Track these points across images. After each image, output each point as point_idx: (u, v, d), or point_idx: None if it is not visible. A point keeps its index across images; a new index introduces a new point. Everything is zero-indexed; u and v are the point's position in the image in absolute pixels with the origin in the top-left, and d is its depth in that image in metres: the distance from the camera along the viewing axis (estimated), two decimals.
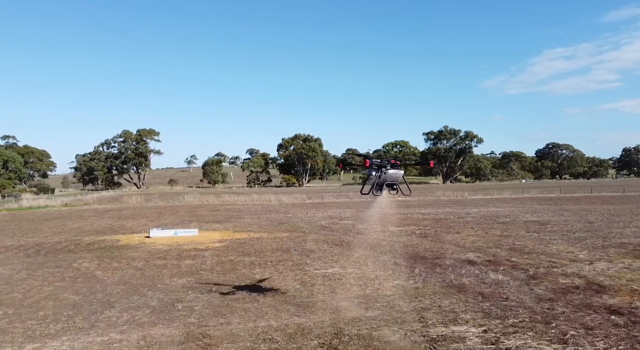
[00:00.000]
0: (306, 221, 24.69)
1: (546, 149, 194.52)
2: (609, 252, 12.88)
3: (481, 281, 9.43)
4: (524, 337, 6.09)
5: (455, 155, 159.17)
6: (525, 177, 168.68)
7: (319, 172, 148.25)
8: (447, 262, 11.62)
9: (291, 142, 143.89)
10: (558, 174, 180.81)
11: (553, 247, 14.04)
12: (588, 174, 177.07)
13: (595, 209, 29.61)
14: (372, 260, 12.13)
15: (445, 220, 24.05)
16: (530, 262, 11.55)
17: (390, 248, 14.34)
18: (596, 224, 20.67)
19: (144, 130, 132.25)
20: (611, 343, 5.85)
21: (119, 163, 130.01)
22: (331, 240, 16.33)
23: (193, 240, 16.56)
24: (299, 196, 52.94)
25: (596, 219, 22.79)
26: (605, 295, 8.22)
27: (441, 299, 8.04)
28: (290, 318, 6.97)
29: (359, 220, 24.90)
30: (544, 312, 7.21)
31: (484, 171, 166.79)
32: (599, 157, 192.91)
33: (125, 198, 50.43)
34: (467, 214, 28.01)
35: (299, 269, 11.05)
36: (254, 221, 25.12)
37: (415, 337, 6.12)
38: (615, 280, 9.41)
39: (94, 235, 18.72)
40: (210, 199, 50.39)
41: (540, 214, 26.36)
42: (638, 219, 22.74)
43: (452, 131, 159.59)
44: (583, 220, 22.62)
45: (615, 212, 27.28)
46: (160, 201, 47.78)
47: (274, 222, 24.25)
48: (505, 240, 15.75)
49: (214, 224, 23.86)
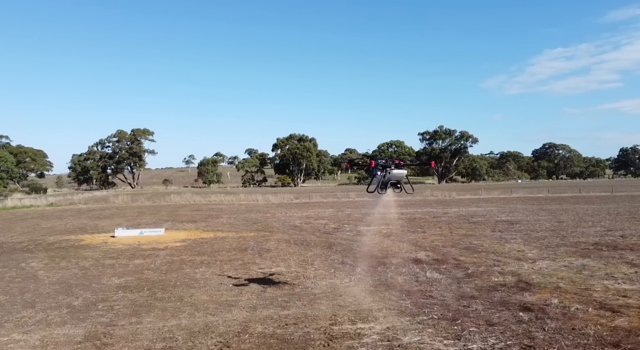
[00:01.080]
0: (281, 221, 24.76)
1: (543, 149, 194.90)
2: (559, 251, 12.97)
3: (415, 279, 9.51)
4: (422, 333, 6.17)
5: (450, 156, 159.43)
6: (521, 177, 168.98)
7: (314, 172, 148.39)
8: (394, 261, 11.70)
9: (286, 142, 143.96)
10: (555, 174, 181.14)
11: (508, 246, 14.13)
12: (585, 174, 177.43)
13: (574, 209, 29.73)
14: (321, 260, 12.20)
15: (419, 219, 24.13)
16: (476, 260, 11.63)
17: (346, 247, 14.41)
18: (565, 223, 20.77)
19: (138, 130, 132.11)
20: (503, 339, 5.93)
21: (113, 163, 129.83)
22: (294, 240, 16.39)
23: (156, 240, 16.61)
24: (287, 196, 52.98)
25: (568, 219, 22.91)
26: (528, 292, 8.30)
27: (365, 298, 8.11)
28: (205, 317, 7.04)
29: (333, 219, 24.98)
30: (458, 310, 7.29)
31: (479, 171, 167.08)
32: (596, 157, 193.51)
33: (112, 198, 50.44)
34: (445, 213, 28.10)
35: (244, 268, 11.11)
36: (229, 221, 25.18)
37: (316, 334, 6.19)
38: (547, 278, 9.50)
39: (61, 235, 18.77)
40: (197, 198, 50.40)
41: (516, 214, 26.47)
42: (609, 218, 22.86)
43: (447, 131, 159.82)
44: (555, 219, 22.73)
45: (592, 211, 27.40)
46: (147, 201, 47.79)
47: (249, 222, 24.31)
48: (465, 239, 15.84)
49: (188, 223, 23.91)
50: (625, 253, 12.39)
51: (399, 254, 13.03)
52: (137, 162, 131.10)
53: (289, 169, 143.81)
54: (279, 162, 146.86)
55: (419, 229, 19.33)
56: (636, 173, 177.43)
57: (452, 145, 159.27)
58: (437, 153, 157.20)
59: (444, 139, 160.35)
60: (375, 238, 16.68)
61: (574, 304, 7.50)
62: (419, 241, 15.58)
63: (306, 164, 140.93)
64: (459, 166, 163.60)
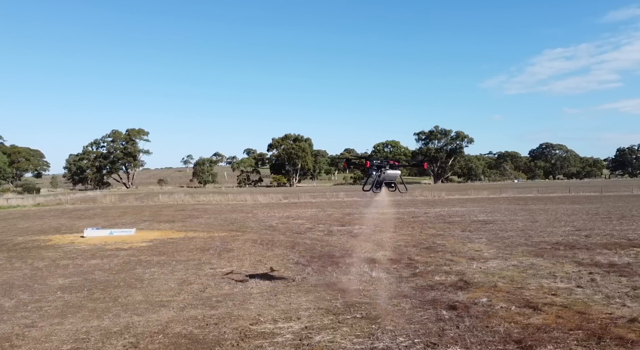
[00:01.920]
0: (260, 221, 24.79)
1: (540, 149, 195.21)
2: (516, 250, 13.03)
3: (358, 279, 9.55)
4: (336, 333, 6.21)
5: (446, 156, 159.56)
6: (518, 178, 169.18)
7: (309, 172, 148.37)
8: (348, 261, 11.74)
9: (281, 142, 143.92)
10: (552, 174, 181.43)
11: (469, 245, 14.19)
12: (582, 174, 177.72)
13: (556, 209, 29.83)
14: (277, 260, 12.24)
15: (396, 219, 24.18)
16: (429, 260, 11.68)
17: (308, 247, 14.46)
18: (539, 223, 20.84)
19: (132, 130, 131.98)
20: (412, 337, 5.98)
21: (107, 163, 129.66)
22: (261, 240, 16.43)
23: (124, 240, 16.63)
24: (276, 196, 53.02)
25: (543, 219, 22.98)
26: (462, 291, 8.36)
27: (299, 297, 8.15)
28: (130, 317, 7.07)
29: (312, 219, 25.01)
30: (384, 309, 7.34)
31: (475, 171, 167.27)
32: (593, 157, 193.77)
33: (100, 198, 50.43)
34: (425, 213, 28.17)
35: (197, 268, 11.15)
36: (207, 221, 25.20)
37: (231, 334, 6.23)
38: (489, 277, 9.56)
39: (32, 236, 18.78)
40: (186, 199, 50.41)
41: (495, 214, 26.54)
42: (585, 218, 22.96)
43: (443, 131, 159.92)
44: (531, 219, 22.80)
45: (572, 211, 27.50)
46: (135, 201, 47.79)
47: (227, 222, 24.33)
48: (431, 239, 15.89)
49: (165, 223, 23.92)
50: (580, 252, 12.46)
51: (357, 253, 13.07)
52: (131, 162, 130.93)
53: (285, 169, 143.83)
54: (274, 162, 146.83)
55: (390, 229, 19.38)
56: (633, 173, 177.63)
57: (447, 145, 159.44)
58: (432, 153, 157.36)
59: (439, 139, 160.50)
60: (342, 238, 16.72)
61: (500, 303, 7.56)
62: (384, 241, 15.62)
63: (301, 164, 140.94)
64: (455, 166, 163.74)
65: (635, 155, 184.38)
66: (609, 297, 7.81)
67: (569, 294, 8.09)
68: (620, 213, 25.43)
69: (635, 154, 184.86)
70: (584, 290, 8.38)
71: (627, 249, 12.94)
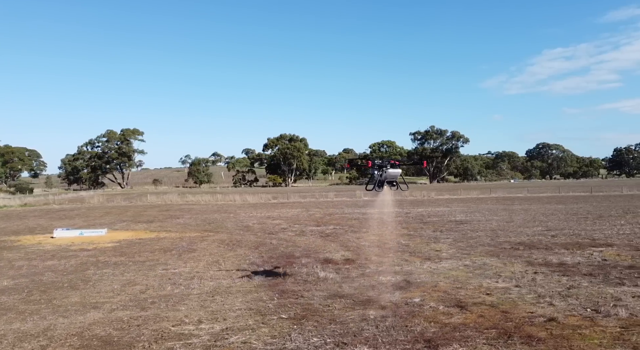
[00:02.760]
0: (238, 221, 24.77)
1: (536, 149, 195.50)
2: (476, 250, 13.06)
3: (303, 280, 9.55)
4: (254, 333, 6.22)
5: (441, 156, 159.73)
6: (514, 177, 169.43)
7: (305, 172, 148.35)
8: (304, 261, 11.76)
9: (276, 142, 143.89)
10: (548, 174, 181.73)
11: (432, 245, 14.21)
12: (578, 174, 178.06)
13: (538, 209, 29.91)
14: (234, 260, 12.24)
15: (372, 220, 24.20)
16: (385, 260, 11.70)
17: (271, 248, 14.47)
18: (513, 223, 20.89)
19: (127, 130, 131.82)
20: (326, 337, 6.00)
21: (102, 163, 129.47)
22: (229, 240, 16.43)
23: (93, 240, 16.62)
24: (265, 196, 53.02)
25: (520, 219, 23.04)
26: (400, 291, 8.38)
27: (236, 298, 8.16)
28: (55, 319, 7.05)
29: (290, 220, 25.02)
30: (314, 309, 7.35)
31: (471, 171, 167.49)
32: (589, 157, 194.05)
33: (88, 198, 50.36)
34: (406, 214, 28.18)
35: (150, 269, 11.14)
36: (186, 221, 25.18)
37: (148, 336, 6.22)
38: (434, 277, 9.58)
39: (2, 236, 18.74)
40: (175, 198, 50.32)
41: (474, 214, 26.57)
42: (561, 218, 23.04)
43: (439, 131, 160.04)
44: (507, 219, 22.83)
45: (552, 211, 27.57)
46: (123, 201, 47.73)
47: (205, 222, 24.32)
48: (398, 239, 15.90)
49: (143, 223, 23.90)
50: (537, 252, 12.50)
51: (317, 253, 13.09)
52: (126, 162, 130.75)
53: (281, 169, 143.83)
54: (270, 162, 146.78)
55: (362, 229, 19.40)
56: (630, 173, 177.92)
57: (443, 145, 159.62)
58: (428, 153, 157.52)
59: (435, 139, 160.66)
60: (310, 238, 16.73)
61: (431, 302, 7.59)
62: (350, 241, 15.65)
63: (297, 164, 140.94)
64: (450, 166, 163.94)
65: (632, 155, 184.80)
66: (540, 296, 7.84)
67: (503, 294, 8.11)
68: (599, 213, 25.50)
69: (632, 153, 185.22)
70: (520, 289, 8.41)
71: (586, 249, 12.97)
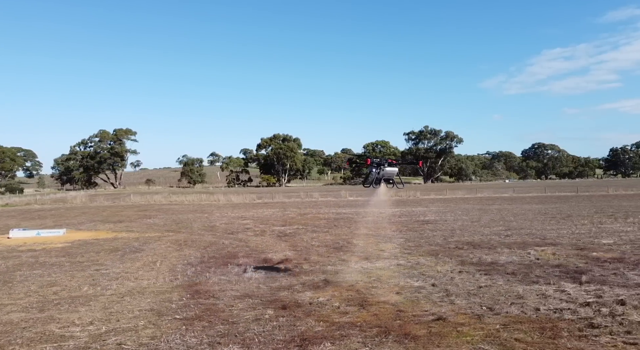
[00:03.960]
0: (208, 221, 24.73)
1: (532, 149, 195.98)
2: (420, 250, 13.07)
3: (227, 280, 9.53)
4: (134, 334, 6.21)
5: (435, 156, 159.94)
6: (510, 178, 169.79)
7: (298, 172, 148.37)
8: (241, 261, 11.76)
9: (270, 142, 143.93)
10: (544, 174, 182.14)
11: (380, 245, 14.21)
12: (574, 174, 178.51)
13: (513, 209, 29.98)
14: (173, 260, 12.22)
15: (342, 220, 24.19)
16: (322, 260, 11.71)
17: (220, 248, 14.46)
18: (477, 223, 20.92)
19: (120, 130, 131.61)
20: (204, 336, 5.99)
21: (94, 163, 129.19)
22: (184, 241, 16.40)
23: (46, 241, 16.58)
24: (250, 196, 52.99)
25: (487, 219, 23.08)
26: (314, 291, 8.37)
27: (145, 299, 8.15)
28: None
29: (260, 220, 25.00)
30: (217, 309, 7.34)
31: (465, 171, 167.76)
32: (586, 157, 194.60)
33: (71, 198, 50.25)
34: (380, 213, 28.19)
35: (83, 270, 11.09)
36: (156, 221, 25.13)
37: (24, 339, 6.17)
38: (359, 276, 9.60)
39: None
40: (158, 199, 50.32)
41: (446, 214, 26.59)
42: (529, 218, 23.10)
43: (433, 131, 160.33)
44: (473, 219, 22.84)
45: (524, 211, 27.63)
46: (105, 201, 47.66)
47: (174, 222, 24.27)
48: (351, 239, 15.90)
49: (110, 223, 23.84)
50: (478, 252, 12.52)
51: (261, 253, 13.09)
52: (118, 162, 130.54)
53: (274, 168, 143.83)
54: (263, 162, 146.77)
55: (324, 230, 19.40)
56: (626, 173, 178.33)
57: (437, 145, 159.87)
58: (422, 153, 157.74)
59: (429, 139, 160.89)
60: (266, 239, 16.71)
61: (336, 302, 7.60)
62: (303, 241, 15.63)
63: (290, 164, 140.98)
64: (445, 166, 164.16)
65: (628, 155, 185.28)
66: (447, 295, 7.85)
67: (413, 293, 8.13)
68: (570, 213, 25.53)
69: (627, 154, 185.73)
70: (433, 288, 8.43)
71: (528, 248, 12.99)
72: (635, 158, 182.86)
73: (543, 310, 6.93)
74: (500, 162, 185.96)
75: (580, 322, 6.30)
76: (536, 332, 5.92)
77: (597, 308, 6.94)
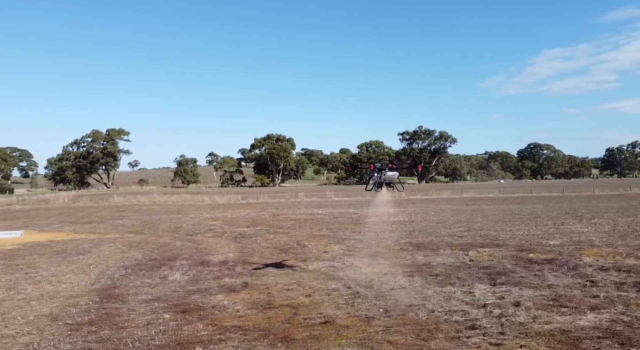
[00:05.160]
0: (177, 222, 24.65)
1: (528, 149, 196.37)
2: (362, 252, 13.07)
3: (147, 284, 9.50)
4: (12, 340, 6.18)
5: (429, 156, 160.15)
6: (505, 178, 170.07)
7: (292, 172, 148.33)
8: (178, 264, 11.72)
9: (263, 142, 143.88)
10: (539, 174, 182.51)
11: (331, 246, 14.21)
12: (570, 174, 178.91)
13: (486, 210, 30.04)
14: (112, 263, 12.18)
15: (311, 221, 24.17)
16: (263, 261, 11.70)
17: (169, 249, 14.44)
18: (442, 223, 20.95)
19: (112, 130, 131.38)
20: (81, 343, 5.96)
21: (86, 163, 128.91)
22: (137, 242, 16.37)
23: (1, 242, 16.55)
24: (235, 197, 52.95)
25: (454, 220, 23.11)
26: (226, 294, 8.35)
27: (51, 303, 8.11)
28: None
29: (230, 221, 24.97)
30: (116, 314, 7.31)
31: (460, 171, 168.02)
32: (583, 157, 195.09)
33: (54, 199, 50.15)
34: (354, 214, 28.20)
35: (11, 273, 11.05)
36: (125, 222, 25.05)
37: None
38: (281, 279, 9.55)
39: None
40: (142, 199, 50.24)
41: (418, 215, 26.56)
42: (495, 220, 23.13)
43: (427, 131, 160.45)
44: (439, 220, 22.82)
45: (495, 213, 27.67)
46: (89, 202, 47.57)
47: (142, 223, 24.21)
48: (306, 240, 15.88)
49: (77, 225, 23.77)
50: (417, 253, 12.52)
51: (204, 255, 13.05)
52: (111, 162, 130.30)
53: (268, 168, 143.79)
54: (257, 162, 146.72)
55: (285, 230, 19.38)
56: (622, 173, 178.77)
57: (431, 145, 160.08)
58: (416, 153, 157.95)
59: (423, 139, 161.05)
60: (222, 241, 16.68)
61: (240, 306, 7.57)
62: (255, 243, 15.62)
63: (283, 164, 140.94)
64: (439, 166, 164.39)
65: (624, 155, 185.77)
66: (354, 298, 7.84)
67: (322, 295, 8.11)
68: (539, 214, 25.53)
69: (623, 154, 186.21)
70: (346, 290, 8.42)
71: (471, 249, 12.97)
72: (630, 158, 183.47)
73: (437, 311, 6.93)
74: (496, 162, 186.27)
75: (463, 324, 6.30)
76: (413, 334, 5.92)
77: (490, 309, 6.94)
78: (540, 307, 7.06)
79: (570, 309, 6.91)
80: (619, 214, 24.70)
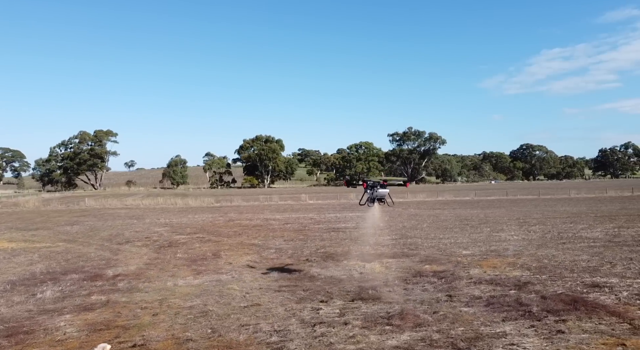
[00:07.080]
0: (125, 228, 24.43)
1: (520, 150, 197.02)
2: (268, 263, 12.97)
3: (19, 299, 9.40)
4: None
5: (419, 157, 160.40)
6: (496, 179, 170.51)
7: (281, 174, 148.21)
8: (69, 277, 11.60)
9: (252, 143, 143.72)
10: (531, 175, 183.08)
11: (241, 257, 14.10)
12: (562, 175, 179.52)
13: (440, 215, 30.02)
14: (4, 278, 12.06)
15: (258, 227, 24.05)
16: (152, 275, 11.59)
17: (78, 261, 14.29)
18: (383, 231, 20.87)
19: (100, 131, 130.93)
20: None
21: (73, 164, 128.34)
22: (57, 252, 16.20)
23: None
24: (208, 199, 52.77)
25: (397, 226, 23.07)
26: (78, 314, 8.24)
27: None
28: None
29: (179, 226, 24.82)
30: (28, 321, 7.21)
31: (450, 172, 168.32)
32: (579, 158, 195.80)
33: (24, 202, 49.81)
34: (310, 219, 28.12)
35: None
36: (73, 229, 24.67)
37: None
38: (154, 295, 9.43)
39: None
40: (113, 202, 49.96)
41: (366, 220, 26.44)
42: (437, 226, 23.09)
43: (417, 132, 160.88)
44: (386, 227, 22.77)
45: (446, 218, 27.66)
46: (59, 205, 47.28)
47: (89, 230, 23.93)
48: (225, 250, 15.80)
49: (24, 231, 23.49)
50: (319, 264, 12.42)
51: (103, 268, 12.92)
52: (98, 164, 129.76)
53: (258, 170, 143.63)
54: (246, 163, 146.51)
55: (219, 238, 19.26)
56: (614, 174, 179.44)
57: (420, 146, 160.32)
58: (405, 154, 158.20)
59: (413, 140, 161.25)
60: (145, 249, 16.57)
61: (78, 326, 7.44)
62: (173, 253, 15.49)
63: (272, 166, 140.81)
64: (428, 167, 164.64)
65: (617, 155, 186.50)
66: (197, 317, 7.73)
67: (170, 315, 7.98)
68: (489, 220, 25.47)
69: (616, 154, 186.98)
70: (200, 308, 8.29)
71: (376, 260, 12.84)
72: (624, 159, 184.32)
73: (265, 330, 6.86)
74: (488, 162, 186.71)
75: (274, 345, 6.23)
76: None
77: (317, 328, 6.88)
78: (367, 325, 7.00)
79: (393, 327, 6.86)
80: (568, 219, 24.76)
